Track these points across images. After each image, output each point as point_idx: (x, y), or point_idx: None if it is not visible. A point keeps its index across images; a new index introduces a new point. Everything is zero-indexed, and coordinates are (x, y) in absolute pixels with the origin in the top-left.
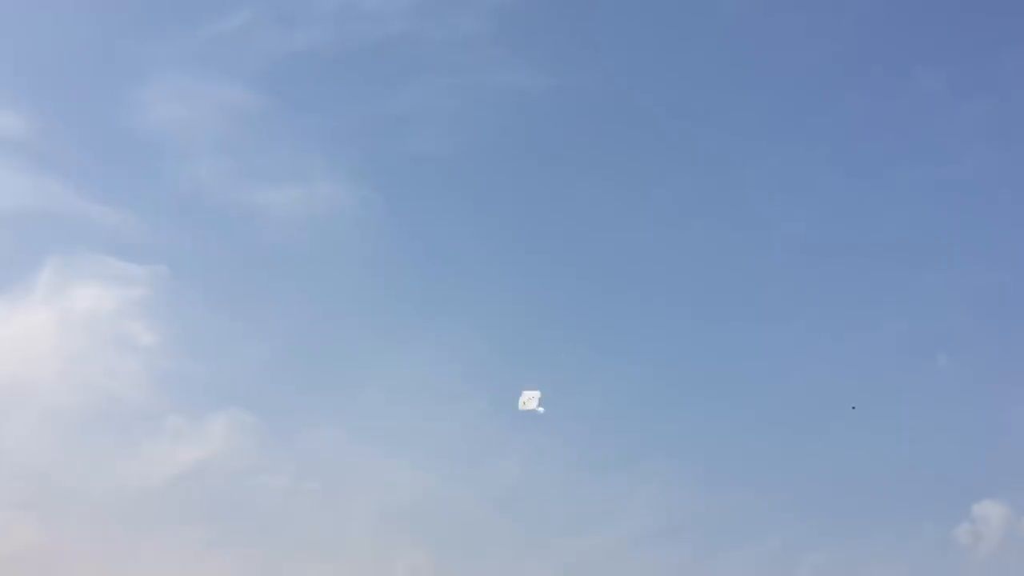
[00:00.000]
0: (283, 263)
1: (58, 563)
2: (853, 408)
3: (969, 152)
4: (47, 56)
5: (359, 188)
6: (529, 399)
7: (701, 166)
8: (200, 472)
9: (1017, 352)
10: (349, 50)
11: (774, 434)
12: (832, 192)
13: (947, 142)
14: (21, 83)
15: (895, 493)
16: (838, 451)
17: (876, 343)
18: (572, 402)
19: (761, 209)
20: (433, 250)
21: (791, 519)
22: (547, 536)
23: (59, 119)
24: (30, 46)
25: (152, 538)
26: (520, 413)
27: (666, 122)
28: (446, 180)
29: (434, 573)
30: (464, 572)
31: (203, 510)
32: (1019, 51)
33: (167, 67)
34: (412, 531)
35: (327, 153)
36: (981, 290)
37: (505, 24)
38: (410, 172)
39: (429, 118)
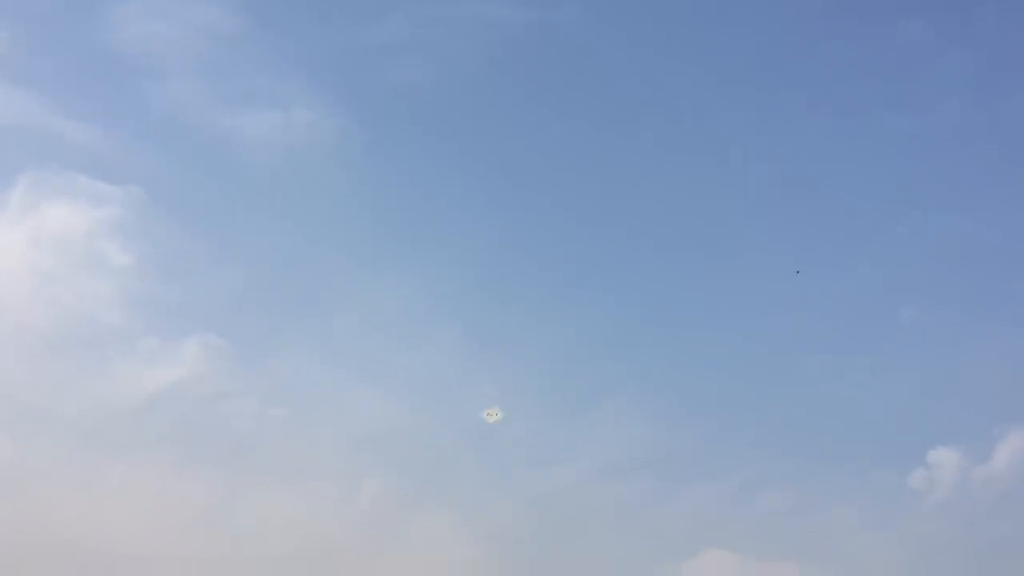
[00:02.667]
0: (259, 189)
1: (28, 482)
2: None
3: (947, 103)
4: None
5: (337, 116)
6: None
7: (680, 104)
8: (171, 395)
9: (981, 303)
10: None
11: (739, 374)
12: (809, 136)
13: (926, 92)
14: None
15: (853, 437)
16: (800, 393)
17: (844, 288)
18: (543, 336)
19: (737, 150)
20: (409, 181)
21: (751, 458)
22: (514, 467)
23: (34, 32)
24: None
25: (122, 459)
26: (493, 345)
27: (647, 60)
28: (425, 111)
29: (400, 501)
30: (431, 500)
31: (173, 433)
32: (1003, 5)
33: None
34: (380, 459)
35: (306, 80)
36: (951, 241)
37: None
38: (389, 102)
39: (410, 48)
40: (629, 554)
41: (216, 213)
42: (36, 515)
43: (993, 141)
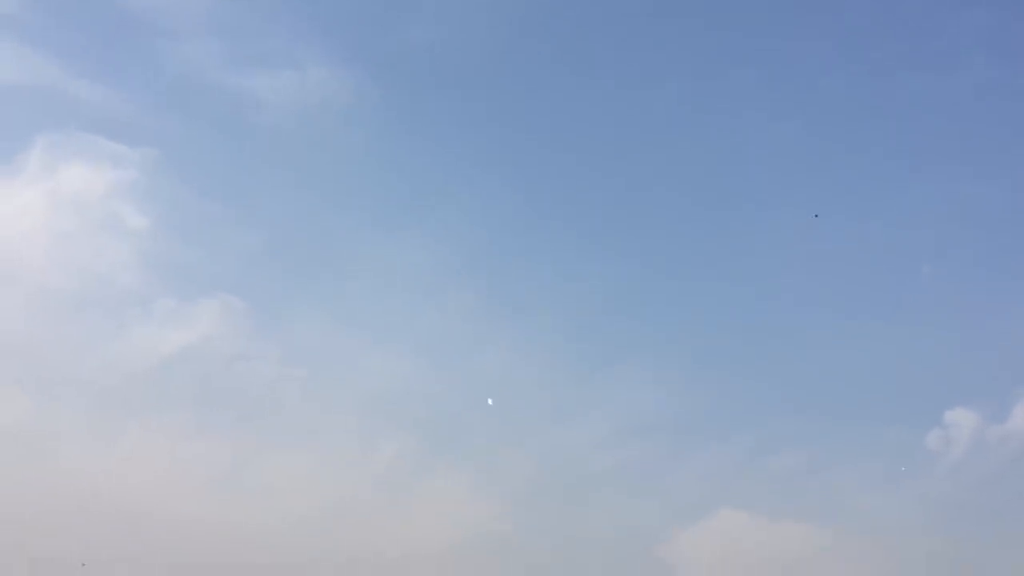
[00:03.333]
0: (275, 149)
1: (46, 442)
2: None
3: (969, 63)
4: None
5: (353, 76)
6: None
7: (699, 63)
8: (188, 356)
9: (1001, 264)
10: None
11: (753, 334)
12: (829, 94)
13: (948, 51)
14: None
15: (868, 397)
16: (815, 352)
17: (862, 249)
18: (558, 297)
19: (756, 108)
20: (425, 140)
21: (765, 418)
22: (526, 428)
23: None
24: None
25: (139, 420)
26: (508, 306)
27: (665, 16)
28: (440, 70)
29: (415, 460)
30: (445, 460)
31: (190, 394)
32: None
33: None
34: (395, 419)
35: (321, 39)
36: (971, 200)
37: None
38: (404, 61)
39: (425, 6)
40: (643, 514)
41: (232, 174)
42: (54, 475)
43: (1016, 101)
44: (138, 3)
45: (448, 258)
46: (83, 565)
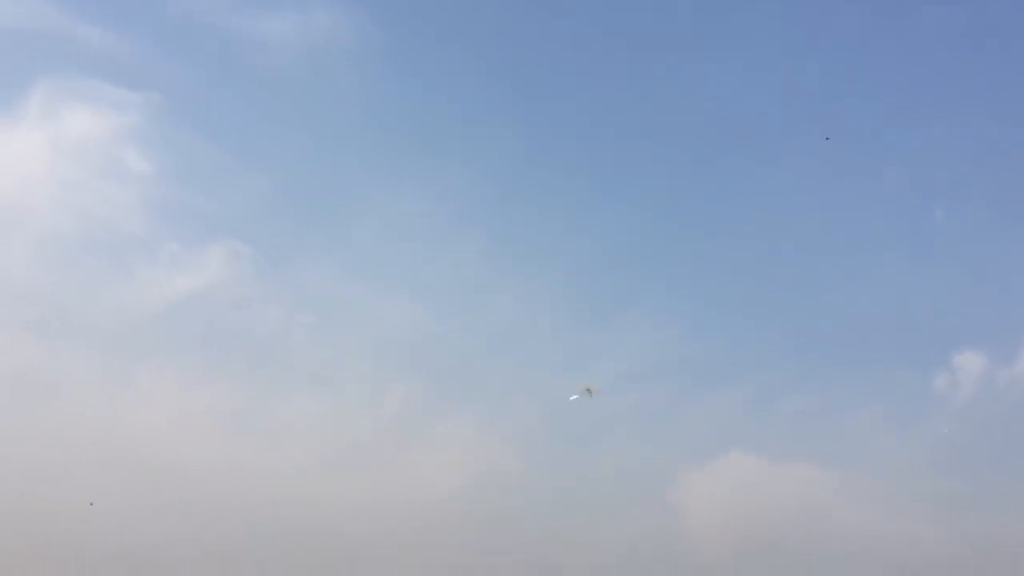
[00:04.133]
0: (280, 94)
1: (57, 384)
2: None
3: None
4: None
5: (357, 19)
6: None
7: (710, 6)
8: (196, 301)
9: (1013, 207)
10: None
11: (763, 277)
12: (845, 33)
13: None
14: None
15: (877, 340)
16: (825, 296)
17: (875, 191)
18: (566, 245)
19: (769, 52)
20: (432, 85)
21: (774, 361)
22: (535, 373)
23: None
24: None
25: (149, 364)
26: (517, 252)
27: None
28: (446, 15)
29: (426, 404)
30: (455, 405)
31: (199, 338)
32: None
33: None
34: (405, 363)
35: None
36: (987, 142)
37: None
38: (409, 4)
39: None
40: (652, 456)
41: (236, 118)
42: (62, 418)
43: None
44: None
45: (456, 203)
46: (91, 504)
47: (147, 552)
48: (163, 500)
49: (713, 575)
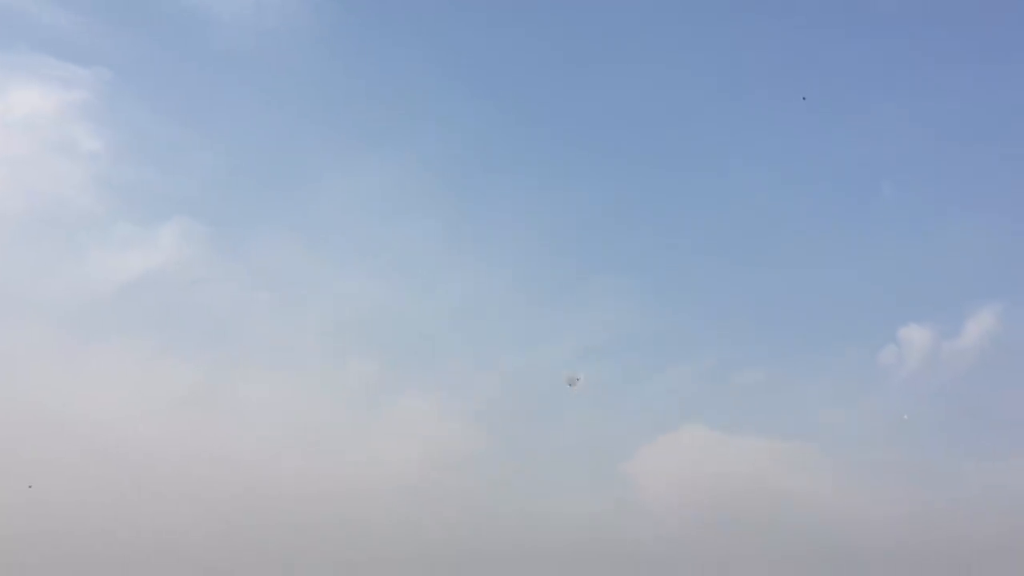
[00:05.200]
0: (233, 70)
1: (8, 366)
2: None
3: None
4: None
5: None
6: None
7: None
8: (150, 280)
9: (958, 181)
10: None
11: (717, 255)
12: (793, 13)
13: None
14: None
15: (827, 315)
16: (777, 272)
17: (825, 169)
18: (524, 221)
19: (720, 28)
20: (389, 62)
21: (727, 337)
22: (495, 349)
23: None
24: None
25: (104, 344)
26: (476, 228)
27: None
28: None
29: (385, 381)
30: (414, 381)
31: (154, 318)
32: None
33: None
34: (364, 340)
35: None
36: (931, 118)
37: None
38: None
39: None
40: (610, 430)
41: (188, 95)
42: (20, 399)
43: (980, 18)
44: None
45: (414, 181)
46: (29, 487)
47: (103, 534)
48: (119, 481)
49: (668, 547)
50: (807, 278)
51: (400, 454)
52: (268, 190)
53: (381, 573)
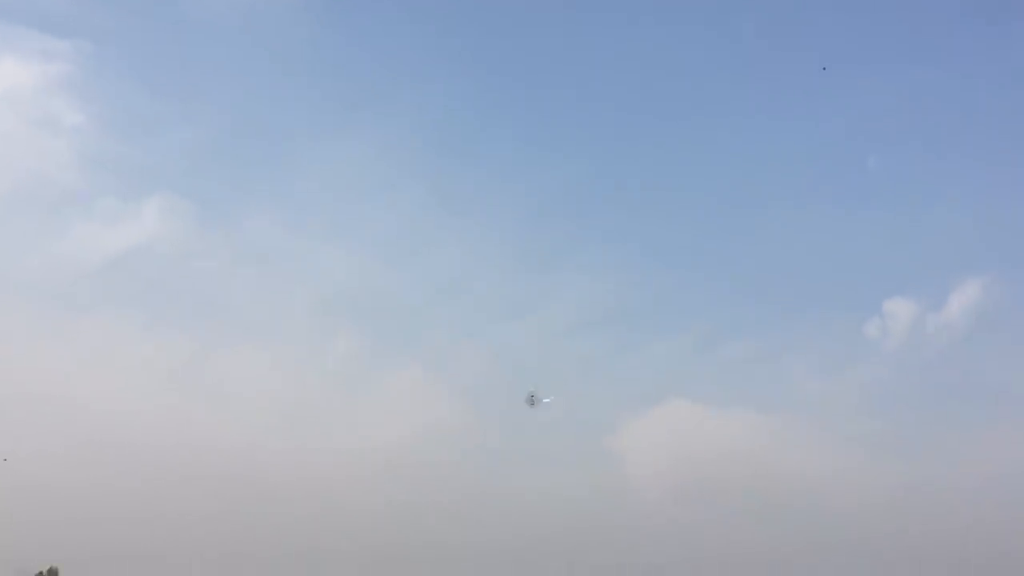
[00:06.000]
0: (217, 44)
1: None
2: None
3: None
4: None
5: None
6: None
7: None
8: (134, 256)
9: (945, 153)
10: None
11: (701, 228)
12: None
13: None
14: None
15: (812, 287)
16: (761, 245)
17: (810, 139)
18: (507, 195)
19: (707, 5)
20: (371, 39)
21: (712, 310)
22: (481, 323)
23: None
24: None
25: (90, 319)
26: (459, 203)
27: None
28: None
29: (370, 356)
30: (399, 356)
31: (138, 293)
32: None
33: None
34: (348, 316)
35: None
36: (916, 91)
37: None
38: None
39: None
40: (595, 403)
41: (171, 69)
42: (7, 373)
43: None
44: None
45: (398, 156)
46: (4, 460)
47: (84, 506)
48: (103, 455)
49: (654, 519)
50: (793, 251)
51: (387, 428)
52: (252, 163)
53: (368, 546)
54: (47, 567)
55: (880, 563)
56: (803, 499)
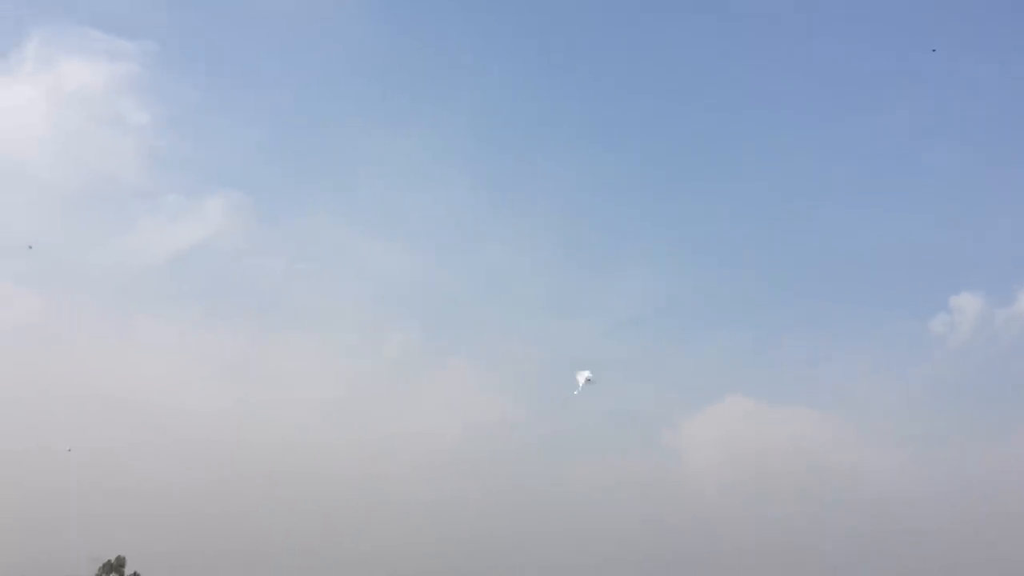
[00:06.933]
0: (277, 44)
1: (59, 336)
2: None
3: None
4: None
5: None
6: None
7: None
8: (197, 251)
9: (1011, 146)
10: None
11: (759, 221)
12: None
13: None
14: None
15: (874, 283)
16: (821, 239)
17: (872, 132)
18: (561, 190)
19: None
20: (429, 36)
21: (771, 305)
22: (532, 319)
23: None
24: None
25: (152, 314)
26: (514, 199)
27: None
28: None
29: (424, 351)
30: (453, 350)
31: (201, 288)
32: None
33: None
34: (404, 311)
35: None
36: (980, 82)
37: None
38: None
39: None
40: (649, 401)
41: (234, 68)
42: (71, 368)
43: None
44: None
45: (454, 152)
46: (68, 451)
47: (153, 495)
48: (164, 446)
49: (710, 516)
50: (855, 246)
51: (440, 421)
52: (310, 163)
53: (418, 536)
54: (114, 556)
55: (942, 564)
56: (862, 497)
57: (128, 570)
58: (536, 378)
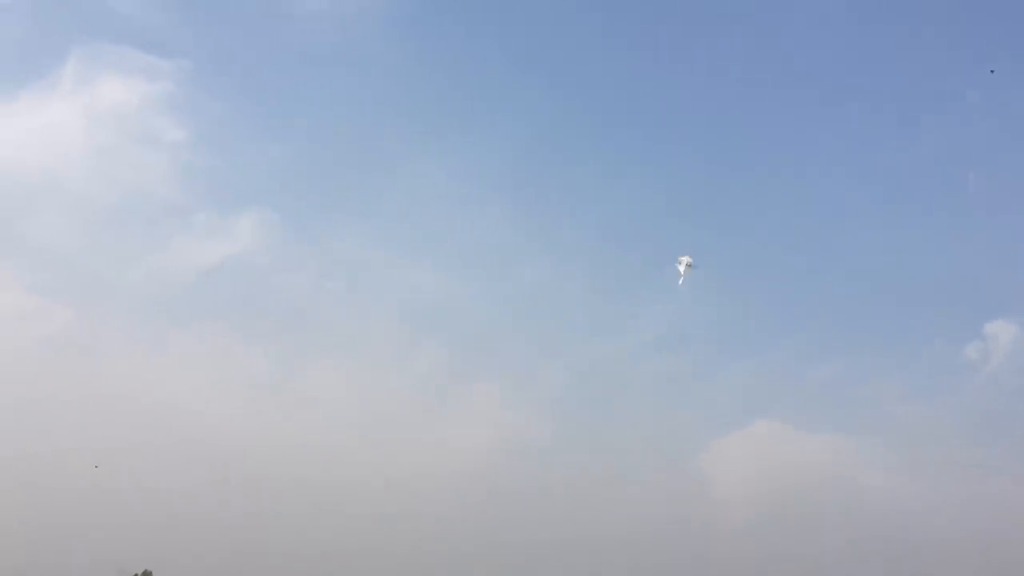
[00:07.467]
0: (309, 62)
1: (93, 351)
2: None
3: None
4: None
5: None
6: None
7: None
8: (227, 268)
9: None
10: None
11: (792, 245)
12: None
13: None
14: None
15: (909, 309)
16: (855, 263)
17: (909, 157)
18: (592, 211)
19: (791, 15)
20: (458, 56)
21: (803, 329)
22: (561, 340)
23: None
24: None
25: (183, 329)
26: (543, 218)
27: None
28: None
29: (452, 370)
30: (483, 370)
31: (232, 304)
32: None
33: None
34: (432, 329)
35: None
36: (1017, 109)
37: None
38: None
39: None
40: (680, 424)
41: (266, 86)
42: (102, 382)
43: None
44: None
45: (483, 171)
46: (96, 467)
47: (179, 510)
48: (193, 462)
49: (739, 541)
50: (888, 271)
51: (468, 441)
52: (340, 182)
53: (444, 558)
54: (142, 570)
55: None
56: (891, 525)
57: None
58: (562, 399)
